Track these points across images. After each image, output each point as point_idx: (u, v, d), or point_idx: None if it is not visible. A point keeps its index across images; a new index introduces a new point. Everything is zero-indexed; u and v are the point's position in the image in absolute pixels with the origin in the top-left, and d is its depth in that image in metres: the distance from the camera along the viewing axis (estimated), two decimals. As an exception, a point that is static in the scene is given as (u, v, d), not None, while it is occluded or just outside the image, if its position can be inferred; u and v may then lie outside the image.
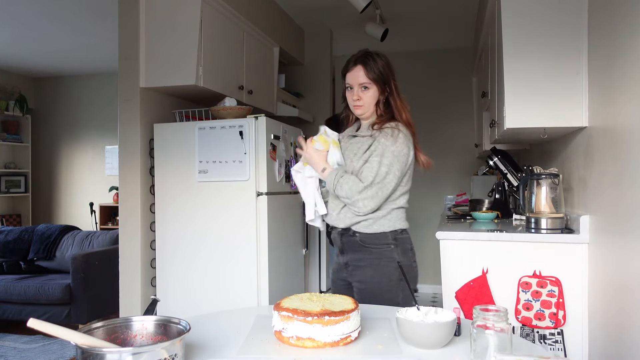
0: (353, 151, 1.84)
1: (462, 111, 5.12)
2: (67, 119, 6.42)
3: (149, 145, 3.02)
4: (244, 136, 2.81)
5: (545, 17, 2.13)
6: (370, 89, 1.84)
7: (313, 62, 4.84)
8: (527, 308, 2.11)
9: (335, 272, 1.97)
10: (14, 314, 3.92)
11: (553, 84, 2.12)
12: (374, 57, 1.86)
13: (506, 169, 2.99)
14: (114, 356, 0.88)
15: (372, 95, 1.85)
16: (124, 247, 2.99)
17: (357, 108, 1.87)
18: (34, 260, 4.50)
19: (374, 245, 1.81)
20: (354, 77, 1.85)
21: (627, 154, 1.59)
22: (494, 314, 0.99)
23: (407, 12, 4.36)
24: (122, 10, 2.97)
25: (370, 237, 1.81)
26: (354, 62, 1.86)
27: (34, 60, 5.67)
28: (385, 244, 1.80)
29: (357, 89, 1.85)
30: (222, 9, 3.14)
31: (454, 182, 5.27)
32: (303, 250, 3.49)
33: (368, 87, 1.84)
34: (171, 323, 1.05)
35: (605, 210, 1.85)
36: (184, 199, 2.93)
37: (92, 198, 6.13)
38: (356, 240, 1.82)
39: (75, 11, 4.13)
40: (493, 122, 2.74)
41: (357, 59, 1.86)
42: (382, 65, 1.85)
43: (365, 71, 1.83)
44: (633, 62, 1.53)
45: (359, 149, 1.83)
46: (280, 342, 1.15)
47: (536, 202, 2.26)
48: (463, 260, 2.23)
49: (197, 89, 3.00)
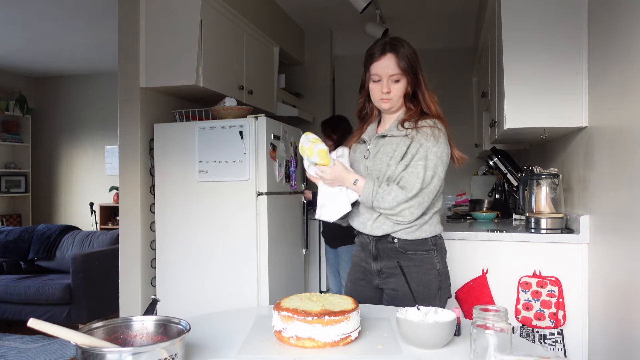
0: (388, 154, 1.64)
1: (462, 111, 5.12)
2: (67, 119, 6.42)
3: (149, 145, 3.02)
4: (244, 136, 2.81)
5: (545, 17, 2.13)
6: (401, 81, 1.65)
7: (313, 62, 4.84)
8: (527, 308, 2.11)
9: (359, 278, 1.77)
10: (14, 314, 3.92)
11: (553, 84, 2.12)
12: (403, 43, 1.65)
13: (506, 169, 2.99)
14: (114, 356, 0.88)
15: (402, 88, 1.65)
16: (124, 247, 2.99)
17: (386, 102, 1.66)
18: (34, 260, 4.50)
19: (414, 252, 1.65)
20: (384, 68, 1.63)
21: (627, 154, 1.59)
22: (494, 314, 0.99)
23: (407, 12, 4.37)
24: (122, 10, 2.97)
25: (411, 243, 1.64)
26: (381, 50, 1.64)
27: (34, 60, 5.67)
28: (426, 250, 1.66)
29: (387, 81, 1.64)
30: (222, 9, 3.14)
31: (454, 182, 5.27)
32: (303, 250, 3.49)
33: (399, 80, 1.64)
34: (171, 323, 1.05)
35: (605, 210, 1.85)
36: (184, 199, 2.93)
37: (92, 198, 6.14)
38: (395, 247, 1.65)
39: (75, 11, 4.13)
40: (493, 122, 2.74)
41: (385, 46, 1.64)
42: (411, 54, 1.65)
43: (397, 60, 1.62)
44: (633, 62, 1.53)
45: (394, 151, 1.63)
46: (280, 342, 1.15)
47: (536, 202, 2.26)
48: (463, 260, 2.23)
49: (197, 89, 3.00)
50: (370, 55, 1.67)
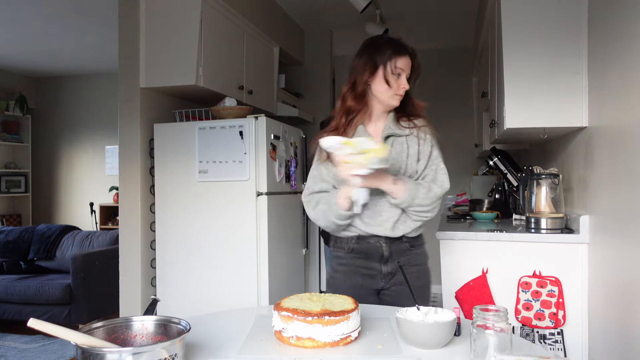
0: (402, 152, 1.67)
1: (462, 111, 5.12)
2: (67, 119, 6.42)
3: (149, 145, 3.02)
4: (244, 136, 2.81)
5: (545, 17, 2.13)
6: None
7: (313, 62, 4.84)
8: (527, 308, 2.11)
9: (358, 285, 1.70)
10: (14, 314, 3.92)
11: (553, 84, 2.12)
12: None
13: (506, 169, 2.99)
14: (114, 356, 0.88)
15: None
16: (124, 247, 2.99)
17: (399, 97, 1.67)
18: (34, 260, 4.50)
19: (417, 247, 1.73)
20: (407, 65, 1.66)
21: (627, 154, 1.59)
22: (494, 314, 0.99)
23: (407, 12, 4.36)
24: (122, 10, 2.97)
25: (414, 239, 1.72)
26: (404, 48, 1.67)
27: (34, 60, 5.67)
28: (422, 244, 1.77)
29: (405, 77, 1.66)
30: (222, 9, 3.14)
31: (454, 182, 5.23)
32: (303, 250, 3.49)
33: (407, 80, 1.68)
34: (171, 323, 1.05)
35: (605, 210, 1.85)
36: (184, 199, 2.93)
37: (92, 198, 6.14)
38: (405, 247, 1.70)
39: (75, 11, 4.13)
40: (493, 122, 2.74)
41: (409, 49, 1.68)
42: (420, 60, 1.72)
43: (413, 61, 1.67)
44: (633, 62, 1.53)
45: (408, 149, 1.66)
46: (280, 342, 1.15)
47: (536, 202, 2.26)
48: (463, 260, 2.23)
49: (197, 89, 3.00)
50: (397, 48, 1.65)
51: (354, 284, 1.70)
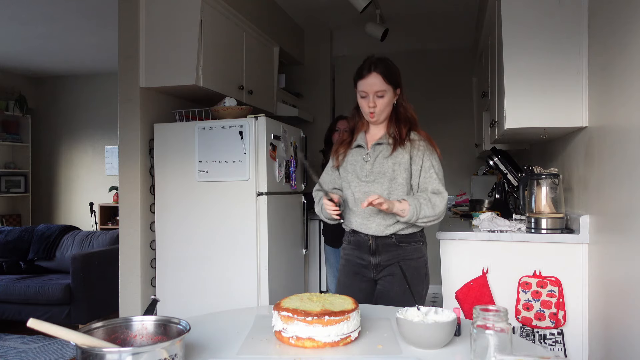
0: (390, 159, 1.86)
1: (462, 111, 5.12)
2: (67, 119, 6.42)
3: (149, 145, 3.02)
4: (244, 136, 2.81)
5: (545, 16, 2.13)
6: (385, 96, 1.85)
7: (313, 62, 4.84)
8: (527, 308, 2.11)
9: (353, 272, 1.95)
10: (14, 314, 3.91)
11: (553, 84, 2.11)
12: (387, 62, 1.86)
13: (506, 169, 2.99)
14: (114, 356, 0.88)
15: (386, 102, 1.86)
16: (124, 247, 2.99)
17: (372, 115, 1.87)
18: (33, 260, 4.49)
19: (408, 243, 1.88)
20: (370, 85, 1.83)
21: (627, 154, 1.58)
22: (494, 314, 0.99)
23: (407, 12, 4.36)
24: (122, 10, 2.97)
25: (406, 237, 1.88)
26: (368, 69, 1.84)
27: (34, 60, 5.67)
28: (417, 241, 1.90)
29: (373, 97, 1.84)
30: (222, 9, 3.14)
31: (454, 182, 5.27)
32: (303, 250, 3.49)
33: (383, 95, 1.84)
34: (171, 323, 1.05)
35: (605, 210, 1.85)
36: (184, 199, 2.93)
37: (92, 198, 6.13)
38: (393, 242, 1.87)
39: (76, 11, 4.13)
40: (493, 122, 2.74)
41: (372, 65, 1.84)
42: (395, 71, 1.87)
43: (383, 78, 1.82)
44: (633, 62, 1.53)
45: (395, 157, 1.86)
46: (280, 342, 1.15)
47: (536, 202, 2.26)
48: (463, 260, 2.23)
49: (197, 89, 3.00)
50: (358, 73, 1.87)
51: (355, 271, 1.94)
